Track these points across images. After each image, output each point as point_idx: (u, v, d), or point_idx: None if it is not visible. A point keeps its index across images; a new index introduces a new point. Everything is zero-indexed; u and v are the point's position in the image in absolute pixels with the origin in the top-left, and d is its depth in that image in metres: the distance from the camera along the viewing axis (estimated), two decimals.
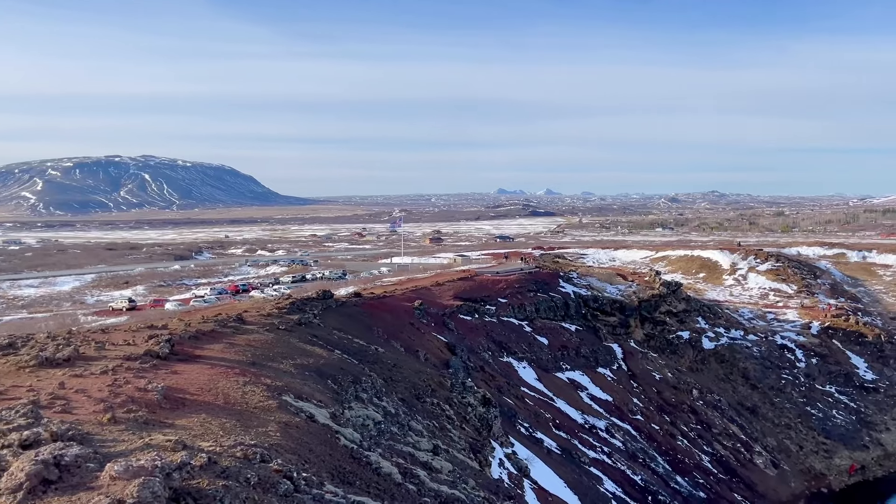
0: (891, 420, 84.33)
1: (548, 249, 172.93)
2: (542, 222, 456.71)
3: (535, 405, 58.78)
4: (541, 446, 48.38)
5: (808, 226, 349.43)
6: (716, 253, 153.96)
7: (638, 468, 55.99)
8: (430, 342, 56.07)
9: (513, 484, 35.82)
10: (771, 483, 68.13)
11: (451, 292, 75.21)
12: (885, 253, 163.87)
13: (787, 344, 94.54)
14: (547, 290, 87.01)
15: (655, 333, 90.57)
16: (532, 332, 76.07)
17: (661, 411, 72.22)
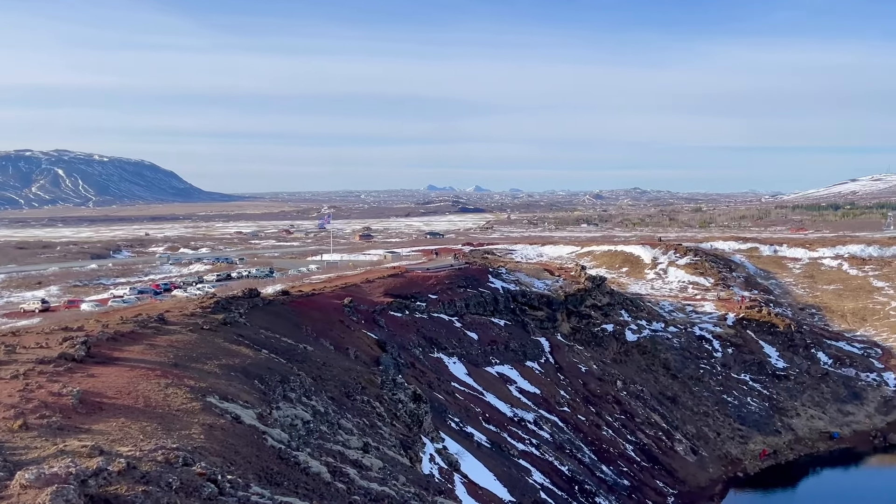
0: (801, 406, 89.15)
1: (477, 246, 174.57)
2: (471, 219, 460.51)
3: (466, 400, 59.32)
4: (471, 440, 48.87)
5: (724, 221, 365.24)
6: (638, 248, 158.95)
7: (565, 459, 57.29)
8: (361, 339, 55.76)
9: (443, 479, 36.06)
10: (691, 469, 70.94)
11: (381, 289, 74.95)
12: (795, 247, 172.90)
13: (705, 335, 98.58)
14: (477, 285, 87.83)
15: (581, 327, 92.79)
16: (462, 327, 76.65)
17: (587, 402, 74.07)
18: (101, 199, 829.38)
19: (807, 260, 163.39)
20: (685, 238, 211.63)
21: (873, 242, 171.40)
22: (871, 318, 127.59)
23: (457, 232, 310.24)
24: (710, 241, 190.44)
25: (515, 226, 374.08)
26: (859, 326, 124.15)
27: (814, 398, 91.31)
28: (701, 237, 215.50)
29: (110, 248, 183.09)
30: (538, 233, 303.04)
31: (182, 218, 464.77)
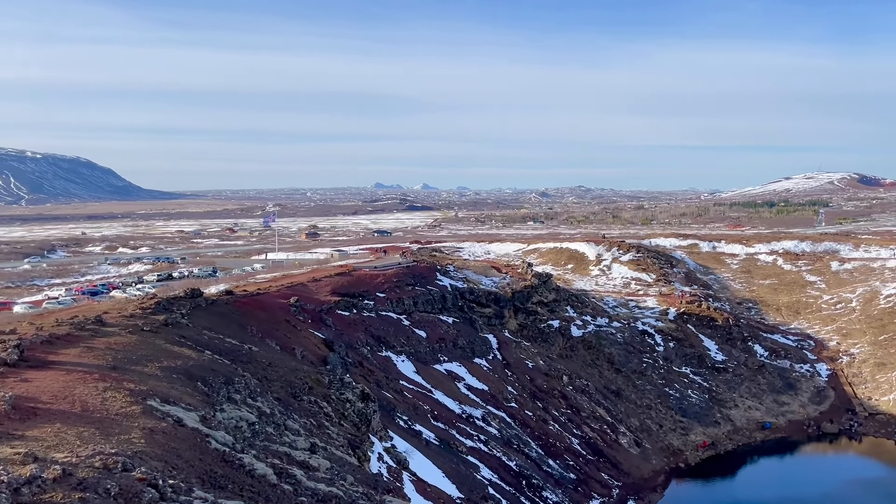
0: (739, 397, 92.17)
1: (425, 244, 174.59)
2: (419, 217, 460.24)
3: (414, 398, 59.31)
4: (420, 438, 48.90)
5: (665, 219, 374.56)
6: (583, 245, 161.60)
7: (513, 454, 57.87)
8: (307, 339, 55.14)
9: (392, 477, 36.00)
10: (634, 461, 72.56)
11: (328, 288, 74.26)
12: (732, 243, 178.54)
13: (648, 329, 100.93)
14: (425, 283, 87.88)
15: (528, 323, 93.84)
16: (410, 325, 76.60)
17: (534, 398, 74.96)
18: (35, 198, 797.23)
19: (744, 256, 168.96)
20: (628, 235, 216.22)
21: (806, 238, 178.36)
22: (805, 311, 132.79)
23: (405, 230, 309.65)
24: (651, 237, 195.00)
25: (463, 223, 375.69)
26: (793, 319, 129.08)
27: (751, 389, 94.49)
28: (643, 234, 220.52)
29: (45, 248, 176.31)
30: (486, 230, 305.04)
31: (120, 216, 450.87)
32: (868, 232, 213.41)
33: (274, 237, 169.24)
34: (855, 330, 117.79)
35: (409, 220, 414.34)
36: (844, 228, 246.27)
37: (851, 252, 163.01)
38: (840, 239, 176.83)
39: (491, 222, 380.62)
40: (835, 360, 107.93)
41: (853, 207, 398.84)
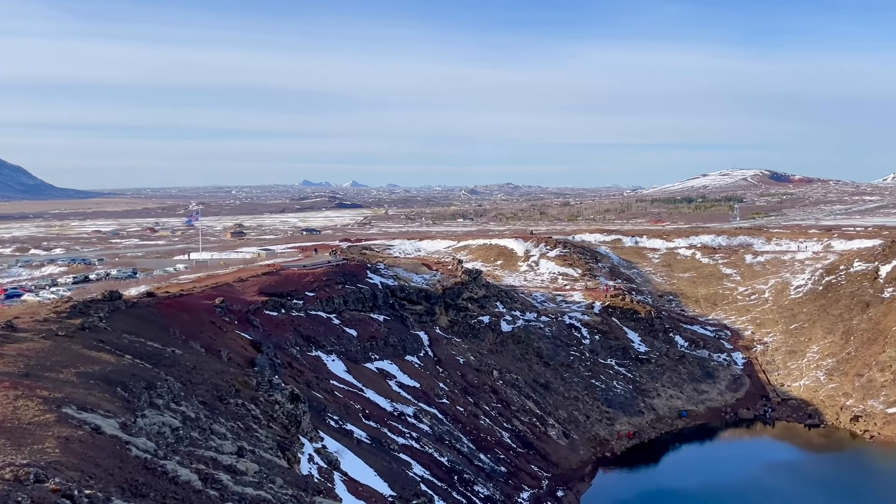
0: (661, 387, 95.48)
1: (355, 241, 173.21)
2: (349, 214, 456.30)
3: (345, 397, 58.86)
4: (351, 438, 48.59)
5: (591, 215, 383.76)
6: (511, 241, 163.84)
7: (444, 450, 58.22)
8: (234, 341, 53.89)
9: (323, 478, 35.64)
10: (563, 452, 74.19)
11: (255, 288, 72.74)
12: (654, 238, 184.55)
13: (575, 323, 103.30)
14: (355, 281, 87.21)
15: (459, 319, 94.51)
16: (341, 324, 75.91)
17: (465, 393, 75.58)
18: None
19: (664, 250, 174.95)
20: (555, 231, 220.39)
21: (722, 233, 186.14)
22: (721, 302, 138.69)
23: (334, 228, 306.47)
24: (577, 233, 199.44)
25: (393, 221, 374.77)
26: (711, 311, 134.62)
27: (672, 379, 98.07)
28: (569, 230, 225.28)
29: None
30: (416, 228, 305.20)
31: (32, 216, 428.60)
32: (779, 226, 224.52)
33: (197, 236, 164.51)
34: (768, 320, 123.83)
35: (339, 217, 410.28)
36: (757, 223, 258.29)
37: (764, 245, 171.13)
38: (753, 233, 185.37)
39: (421, 220, 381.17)
40: (750, 349, 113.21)
41: (765, 203, 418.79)
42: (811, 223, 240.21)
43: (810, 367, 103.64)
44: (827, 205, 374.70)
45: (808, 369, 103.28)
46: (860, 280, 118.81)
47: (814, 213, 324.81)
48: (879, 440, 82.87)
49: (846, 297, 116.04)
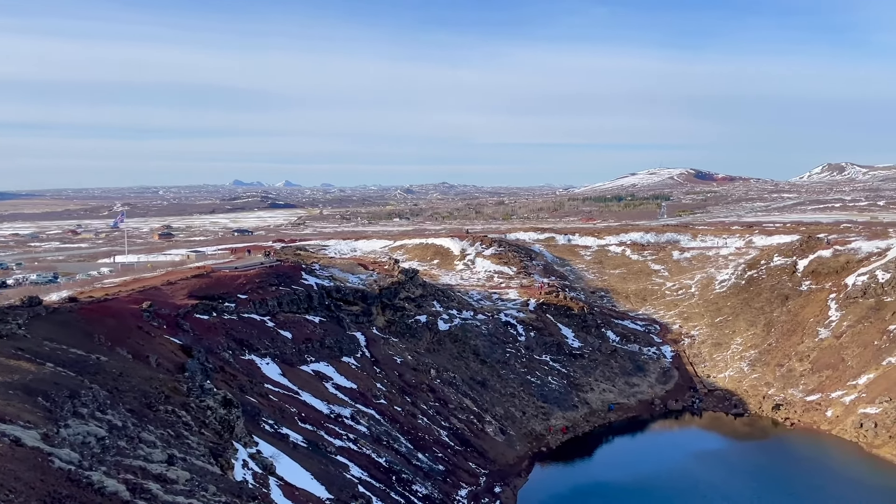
0: (594, 381, 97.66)
1: (289, 242, 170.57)
2: (282, 214, 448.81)
3: (281, 401, 57.91)
4: (287, 441, 47.86)
5: (525, 213, 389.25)
6: (447, 240, 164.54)
7: (382, 450, 58.02)
8: (163, 346, 52.25)
9: (258, 483, 35.00)
10: (500, 448, 75.01)
11: (185, 291, 70.71)
12: (586, 236, 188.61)
13: (510, 321, 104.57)
14: (289, 283, 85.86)
15: (396, 319, 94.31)
16: (275, 326, 74.62)
17: (402, 393, 75.49)
18: None
19: (596, 247, 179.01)
20: (490, 230, 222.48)
21: (650, 230, 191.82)
22: (651, 297, 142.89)
23: (267, 228, 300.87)
24: (512, 232, 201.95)
25: (328, 221, 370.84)
26: (641, 306, 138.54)
27: (605, 373, 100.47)
28: (504, 229, 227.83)
29: None
30: (351, 228, 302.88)
31: None
32: (704, 223, 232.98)
33: (123, 239, 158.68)
34: (694, 313, 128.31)
35: (272, 218, 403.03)
36: (683, 220, 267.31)
37: (690, 242, 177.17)
38: (680, 230, 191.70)
39: (357, 219, 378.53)
40: (678, 343, 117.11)
41: (691, 200, 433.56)
42: (734, 220, 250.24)
43: (734, 358, 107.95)
44: (748, 202, 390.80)
45: (732, 361, 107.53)
46: (780, 274, 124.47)
47: (736, 210, 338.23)
48: (799, 427, 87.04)
49: (767, 291, 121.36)
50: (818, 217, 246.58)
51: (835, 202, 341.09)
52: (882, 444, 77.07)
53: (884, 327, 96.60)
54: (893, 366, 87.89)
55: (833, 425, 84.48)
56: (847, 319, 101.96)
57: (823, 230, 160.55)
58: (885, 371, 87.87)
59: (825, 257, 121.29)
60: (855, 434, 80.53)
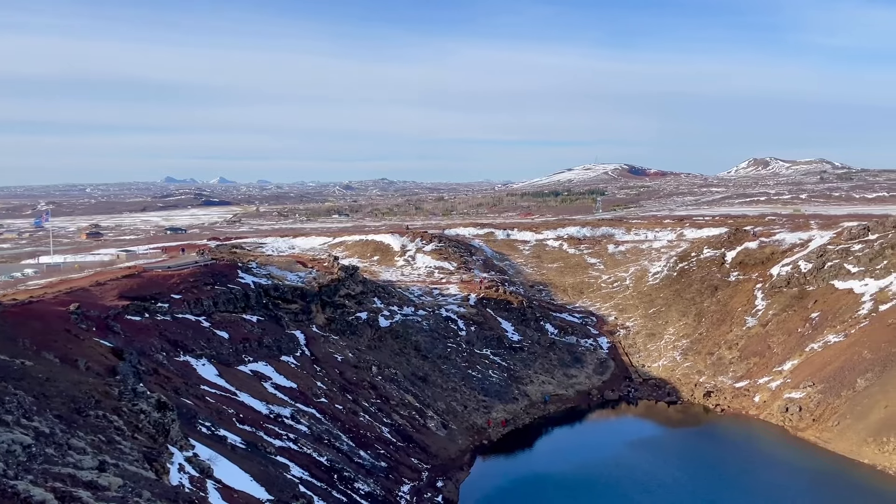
0: (534, 373, 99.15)
1: (224, 240, 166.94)
2: (217, 212, 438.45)
3: (218, 402, 56.73)
4: (225, 443, 46.93)
5: (464, 209, 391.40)
6: (388, 237, 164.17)
7: (324, 449, 57.55)
8: (92, 349, 50.47)
9: (195, 487, 34.23)
10: (442, 443, 75.39)
11: (115, 292, 68.44)
12: (524, 231, 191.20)
13: (451, 316, 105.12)
14: (225, 282, 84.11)
15: (336, 317, 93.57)
16: (211, 326, 73.00)
17: (343, 391, 75.01)
18: None
19: (534, 242, 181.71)
20: (430, 226, 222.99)
21: (586, 224, 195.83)
22: (587, 290, 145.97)
23: (201, 226, 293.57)
24: (452, 227, 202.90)
25: (265, 218, 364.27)
26: (578, 299, 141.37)
27: (544, 365, 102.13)
28: (444, 224, 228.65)
29: None
30: (289, 225, 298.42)
31: None
32: (637, 217, 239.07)
33: (48, 238, 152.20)
34: (629, 305, 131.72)
35: (206, 215, 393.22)
36: (618, 214, 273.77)
37: (624, 235, 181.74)
38: (615, 224, 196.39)
39: (295, 216, 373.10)
40: (614, 334, 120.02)
41: (625, 195, 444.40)
42: (666, 214, 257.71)
43: (668, 348, 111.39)
44: (679, 196, 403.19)
45: (665, 350, 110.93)
46: (709, 265, 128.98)
47: (668, 204, 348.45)
48: (729, 413, 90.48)
49: (697, 282, 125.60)
50: (745, 210, 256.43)
51: (760, 195, 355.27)
52: (806, 427, 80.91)
53: (806, 315, 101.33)
54: (816, 352, 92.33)
55: (761, 410, 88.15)
56: (773, 308, 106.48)
57: (750, 223, 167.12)
58: (809, 357, 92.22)
59: (752, 249, 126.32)
60: (781, 418, 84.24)
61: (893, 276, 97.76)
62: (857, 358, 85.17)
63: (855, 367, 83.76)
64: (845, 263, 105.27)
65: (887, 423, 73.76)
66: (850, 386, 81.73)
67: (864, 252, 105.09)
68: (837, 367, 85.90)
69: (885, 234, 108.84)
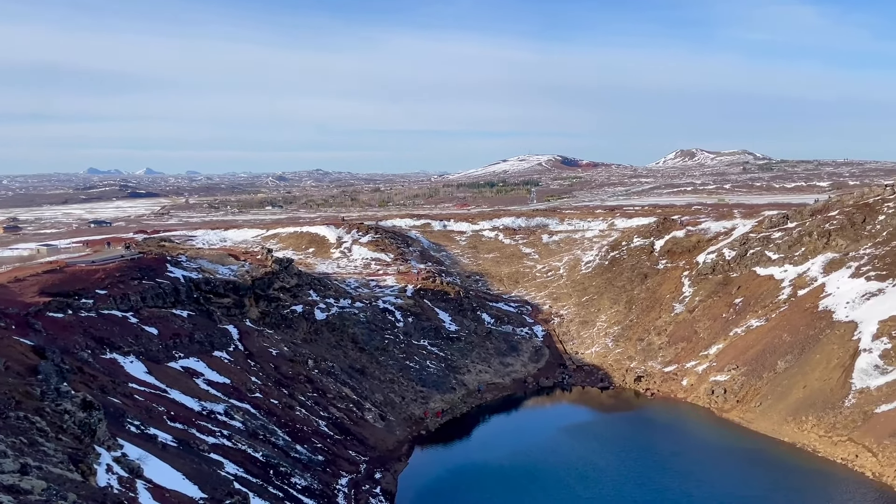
0: (471, 363, 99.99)
1: (152, 233, 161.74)
2: (144, 204, 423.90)
3: (147, 400, 55.06)
4: (155, 442, 45.63)
5: (401, 200, 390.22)
6: (323, 228, 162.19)
7: (259, 445, 56.65)
8: (12, 348, 48.16)
9: (124, 488, 33.20)
10: (380, 435, 75.28)
11: (35, 288, 65.44)
12: (460, 221, 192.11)
13: (388, 307, 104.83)
14: (154, 276, 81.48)
15: (271, 310, 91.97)
16: (139, 322, 70.66)
17: (279, 385, 73.92)
18: None
19: (470, 232, 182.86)
20: (367, 217, 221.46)
21: (521, 215, 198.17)
22: (523, 280, 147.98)
23: (127, 219, 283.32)
24: (389, 219, 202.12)
25: (195, 210, 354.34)
26: (514, 288, 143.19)
27: (481, 355, 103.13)
28: (381, 216, 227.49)
29: None
30: (221, 217, 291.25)
31: None
32: (570, 207, 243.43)
33: None
34: (563, 294, 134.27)
35: (133, 208, 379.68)
36: (552, 205, 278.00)
37: (558, 225, 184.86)
38: (549, 214, 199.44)
39: (226, 208, 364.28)
40: (548, 322, 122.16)
41: (558, 186, 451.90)
42: (598, 204, 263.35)
43: (600, 335, 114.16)
44: (611, 187, 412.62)
45: (598, 337, 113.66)
46: (639, 254, 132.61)
47: (600, 194, 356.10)
48: (659, 397, 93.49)
49: (628, 270, 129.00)
50: (672, 200, 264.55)
51: (687, 186, 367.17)
52: (731, 408, 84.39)
53: (730, 301, 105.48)
54: (739, 336, 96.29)
55: (688, 393, 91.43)
56: (699, 295, 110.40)
57: (677, 212, 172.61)
58: (732, 341, 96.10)
59: (679, 237, 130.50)
60: (707, 400, 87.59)
61: (811, 263, 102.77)
62: (778, 341, 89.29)
63: (775, 350, 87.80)
64: (766, 251, 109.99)
65: (805, 403, 77.70)
66: (771, 368, 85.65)
67: (783, 240, 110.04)
68: (759, 350, 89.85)
69: (802, 222, 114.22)
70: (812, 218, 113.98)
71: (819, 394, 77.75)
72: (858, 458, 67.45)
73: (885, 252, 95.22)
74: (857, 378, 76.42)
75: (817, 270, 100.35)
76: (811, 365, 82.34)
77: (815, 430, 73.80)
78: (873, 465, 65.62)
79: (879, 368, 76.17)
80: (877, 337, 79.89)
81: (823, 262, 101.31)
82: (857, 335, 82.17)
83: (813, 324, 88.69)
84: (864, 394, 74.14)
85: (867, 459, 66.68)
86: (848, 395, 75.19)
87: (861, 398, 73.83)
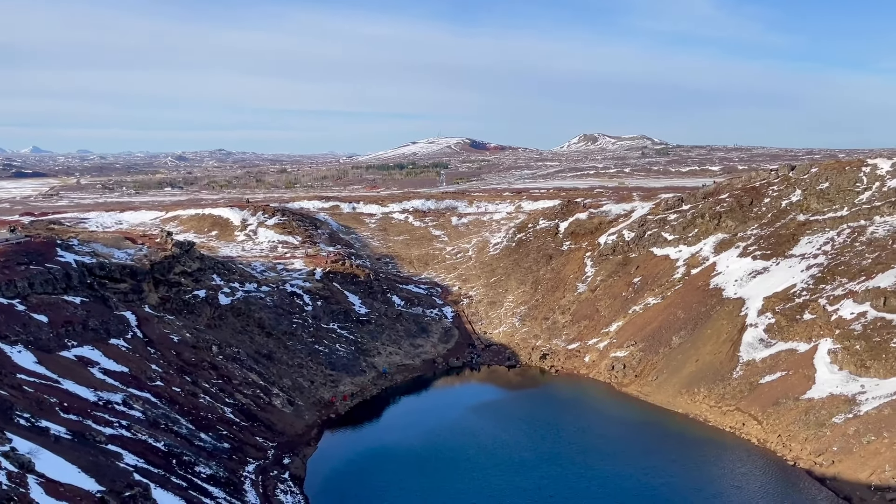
0: (381, 345, 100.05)
1: (40, 216, 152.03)
2: (31, 184, 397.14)
3: (38, 391, 52.13)
4: (47, 435, 43.35)
5: (308, 182, 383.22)
6: (227, 210, 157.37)
7: (160, 434, 54.81)
8: None
9: (14, 484, 31.46)
10: (288, 420, 74.34)
11: None
12: (370, 204, 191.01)
13: (297, 291, 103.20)
14: (42, 261, 76.74)
15: (171, 295, 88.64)
16: (27, 310, 66.55)
17: (181, 373, 71.59)
18: None
19: (380, 215, 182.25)
20: (273, 199, 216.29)
21: (431, 197, 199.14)
22: (433, 262, 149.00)
23: (12, 201, 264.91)
24: (296, 201, 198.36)
25: (87, 191, 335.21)
26: (423, 270, 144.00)
27: (391, 337, 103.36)
28: (287, 198, 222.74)
29: None
30: (116, 198, 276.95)
31: None
32: (479, 190, 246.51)
33: None
34: (472, 275, 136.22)
35: (18, 189, 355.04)
36: (461, 187, 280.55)
37: (467, 208, 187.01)
38: (458, 197, 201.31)
39: (122, 189, 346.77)
40: (458, 303, 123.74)
41: (467, 168, 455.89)
42: (505, 187, 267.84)
43: (507, 315, 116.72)
44: (517, 170, 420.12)
45: (505, 317, 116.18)
46: (545, 236, 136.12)
47: (507, 177, 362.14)
48: (563, 373, 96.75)
49: (534, 252, 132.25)
50: (576, 183, 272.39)
51: (589, 169, 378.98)
52: (630, 382, 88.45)
53: (629, 280, 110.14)
54: (638, 314, 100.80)
55: (590, 369, 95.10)
56: (600, 274, 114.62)
57: (580, 195, 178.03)
58: (631, 318, 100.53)
59: (582, 220, 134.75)
60: (608, 376, 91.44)
61: (703, 243, 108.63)
62: (673, 318, 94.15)
63: (671, 327, 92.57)
64: (662, 232, 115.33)
65: (697, 376, 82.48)
66: (667, 343, 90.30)
67: (678, 221, 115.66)
68: (656, 326, 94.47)
69: (696, 204, 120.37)
70: (704, 200, 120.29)
71: (710, 367, 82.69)
72: (745, 426, 72.35)
73: (770, 233, 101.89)
74: (744, 351, 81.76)
75: (709, 250, 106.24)
76: (703, 340, 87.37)
77: (706, 400, 78.53)
78: (758, 432, 70.59)
79: (764, 342, 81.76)
80: (762, 312, 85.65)
81: (714, 242, 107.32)
82: (744, 311, 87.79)
83: (705, 301, 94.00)
84: (749, 366, 79.44)
85: (753, 427, 71.63)
86: (736, 367, 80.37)
87: (747, 370, 79.08)
